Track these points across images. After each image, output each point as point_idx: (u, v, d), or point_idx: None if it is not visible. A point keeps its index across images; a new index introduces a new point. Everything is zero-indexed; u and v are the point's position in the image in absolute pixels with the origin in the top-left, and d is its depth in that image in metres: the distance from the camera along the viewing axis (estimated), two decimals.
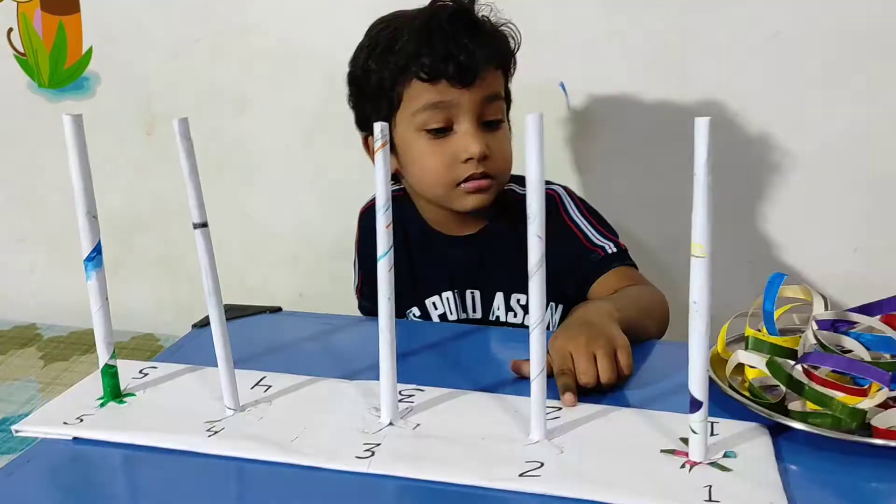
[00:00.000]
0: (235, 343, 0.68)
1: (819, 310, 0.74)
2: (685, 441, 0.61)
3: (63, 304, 1.88)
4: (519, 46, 1.01)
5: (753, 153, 1.38)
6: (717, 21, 1.34)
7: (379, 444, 0.62)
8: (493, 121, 0.95)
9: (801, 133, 1.34)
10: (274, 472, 0.60)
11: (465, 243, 1.03)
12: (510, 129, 1.00)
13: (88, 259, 0.67)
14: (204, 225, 0.63)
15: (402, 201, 1.04)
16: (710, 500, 0.54)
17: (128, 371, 0.74)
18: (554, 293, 0.97)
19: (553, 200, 1.01)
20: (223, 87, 1.64)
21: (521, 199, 0.98)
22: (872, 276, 1.39)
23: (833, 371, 0.66)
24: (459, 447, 0.61)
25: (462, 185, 0.94)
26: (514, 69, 1.02)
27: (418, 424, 0.65)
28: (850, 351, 0.68)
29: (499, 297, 1.02)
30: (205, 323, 0.89)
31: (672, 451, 0.60)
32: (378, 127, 0.60)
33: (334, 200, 1.65)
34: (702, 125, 0.53)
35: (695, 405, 0.58)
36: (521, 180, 1.04)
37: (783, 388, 0.67)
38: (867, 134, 1.32)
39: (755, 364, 0.70)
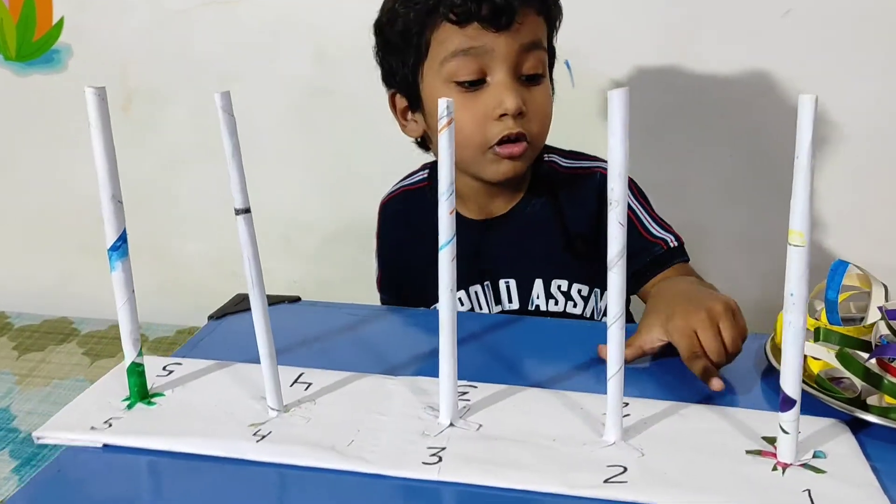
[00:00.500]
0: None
1: (879, 298, 0.71)
2: (769, 440, 0.58)
3: (34, 291, 1.79)
4: (560, 8, 0.91)
5: (766, 133, 1.36)
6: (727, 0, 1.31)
7: (444, 448, 0.57)
8: (532, 75, 0.86)
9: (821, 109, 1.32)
10: (331, 479, 0.55)
11: (499, 225, 0.95)
12: (553, 88, 0.92)
13: (113, 248, 0.60)
14: (247, 211, 0.57)
15: (424, 192, 0.99)
16: None
17: (150, 368, 0.67)
18: (603, 280, 0.94)
19: (603, 180, 0.94)
20: (206, 61, 1.56)
21: (566, 174, 0.95)
22: (880, 254, 1.38)
23: None
24: (532, 450, 0.57)
25: (495, 148, 0.85)
26: (560, 21, 0.92)
27: (481, 425, 0.60)
28: None
29: (538, 285, 0.95)
30: (221, 314, 0.83)
31: (759, 452, 0.57)
32: (443, 103, 0.54)
33: (329, 180, 1.59)
34: (807, 104, 0.49)
35: (787, 404, 0.54)
36: (561, 152, 0.99)
37: (854, 380, 0.64)
38: (881, 115, 1.31)
39: (821, 356, 0.67)
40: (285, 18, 1.51)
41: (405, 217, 1.01)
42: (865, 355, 0.65)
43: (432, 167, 1.02)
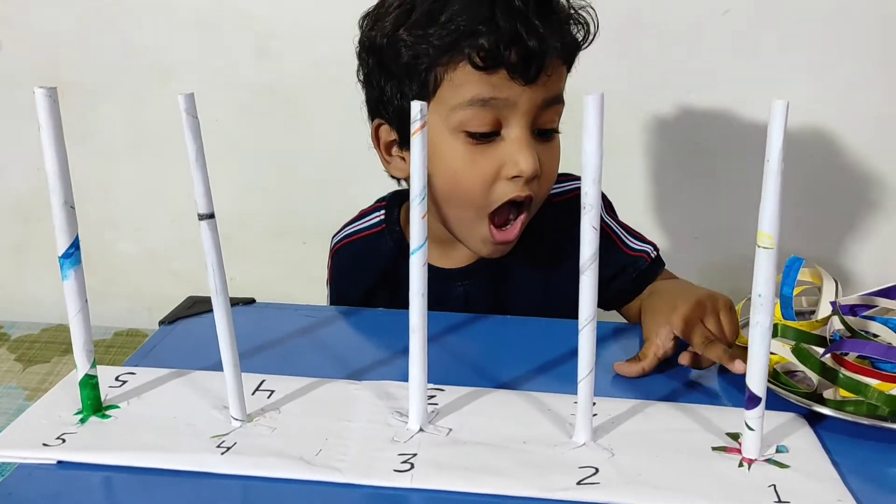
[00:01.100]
0: (215, 341, 0.59)
1: (830, 293, 0.73)
2: (733, 436, 0.59)
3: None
4: (594, 38, 0.80)
5: (706, 131, 1.39)
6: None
7: (416, 454, 0.56)
8: (548, 130, 0.77)
9: (753, 109, 1.35)
10: (301, 490, 0.54)
11: (469, 275, 0.88)
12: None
13: (66, 256, 0.58)
14: (210, 216, 0.55)
15: (382, 236, 0.90)
16: (779, 500, 0.52)
17: (102, 378, 0.65)
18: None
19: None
20: (143, 54, 1.51)
21: (559, 201, 0.86)
22: (809, 250, 1.43)
23: (858, 357, 0.66)
24: (503, 454, 0.57)
25: (492, 229, 0.78)
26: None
27: (451, 429, 0.60)
28: (876, 336, 0.68)
29: None
30: (172, 319, 0.81)
31: (724, 449, 0.58)
32: (417, 106, 0.54)
33: (269, 177, 1.56)
34: (778, 109, 0.50)
35: (753, 401, 0.55)
36: None
37: (809, 374, 0.66)
38: (817, 113, 1.35)
39: (777, 351, 0.69)
40: (225, 10, 1.47)
41: (362, 265, 0.93)
42: (820, 350, 0.67)
43: (388, 206, 0.92)
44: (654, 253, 0.92)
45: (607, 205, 0.95)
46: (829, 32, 1.31)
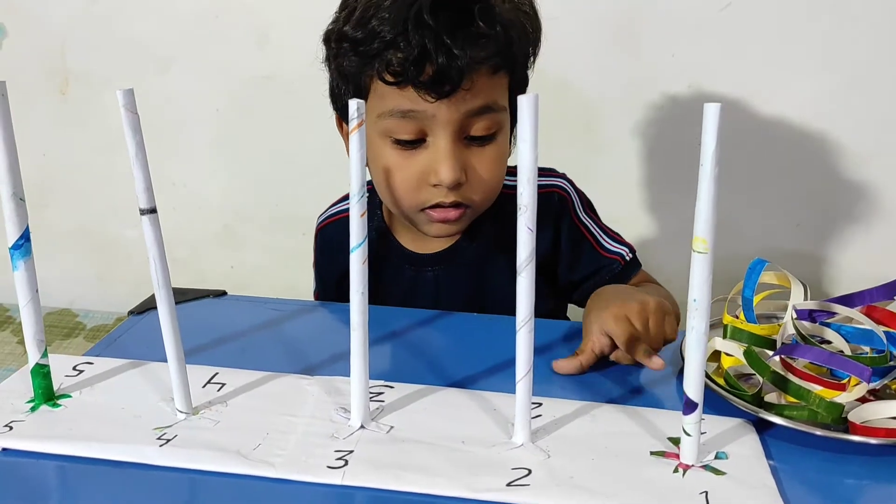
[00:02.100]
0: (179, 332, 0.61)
1: (798, 297, 0.72)
2: (674, 441, 0.58)
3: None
4: (536, 39, 0.80)
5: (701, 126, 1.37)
6: None
7: (352, 452, 0.57)
8: (482, 136, 0.77)
9: (750, 106, 1.33)
10: (236, 484, 0.54)
11: (440, 261, 0.90)
12: (512, 140, 0.82)
13: (15, 247, 0.59)
14: (152, 211, 0.56)
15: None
16: None
17: (60, 368, 0.66)
18: (561, 311, 0.94)
19: (565, 203, 0.89)
20: (145, 43, 1.53)
21: (513, 196, 0.87)
22: (814, 251, 1.41)
23: (811, 363, 0.65)
24: (440, 453, 0.57)
25: (427, 210, 0.79)
26: (533, 63, 0.83)
27: (392, 427, 0.60)
28: (829, 342, 0.67)
29: None
30: (143, 309, 0.82)
31: (662, 453, 0.57)
32: (354, 104, 0.54)
33: (267, 168, 1.57)
34: (711, 112, 0.50)
35: (690, 406, 0.55)
36: (510, 168, 0.90)
37: (759, 377, 0.65)
38: (816, 109, 1.33)
39: (732, 352, 0.69)
40: (226, 2, 1.48)
41: (341, 245, 0.93)
42: (770, 353, 0.66)
43: (372, 190, 0.90)
44: (630, 255, 0.92)
45: (586, 204, 0.94)
46: (831, 27, 1.29)
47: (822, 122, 1.34)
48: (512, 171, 0.90)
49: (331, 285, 0.99)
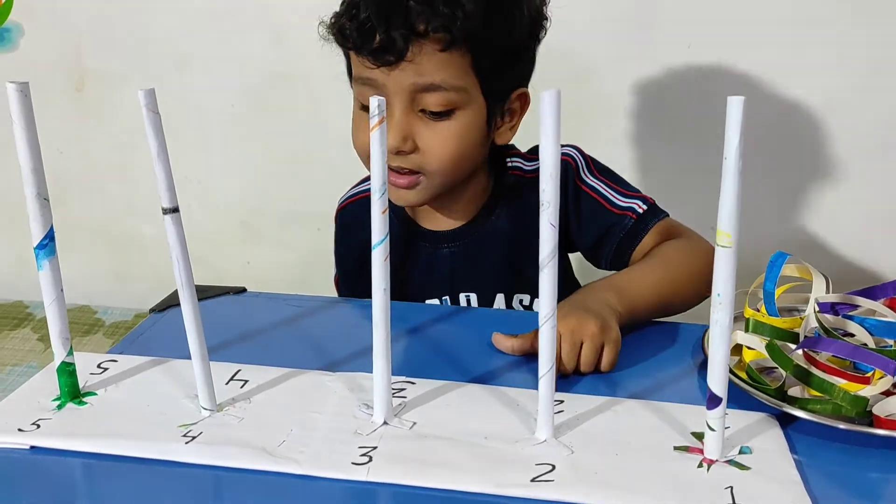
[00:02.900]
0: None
1: (820, 290, 0.72)
2: (697, 436, 0.58)
3: None
4: (523, 24, 0.81)
5: (721, 116, 1.36)
6: None
7: (376, 448, 0.57)
8: (437, 112, 0.80)
9: (769, 95, 1.32)
10: (261, 481, 0.55)
11: (455, 238, 0.91)
12: (490, 115, 0.83)
13: (40, 247, 0.59)
14: (175, 210, 0.56)
15: None
16: (733, 503, 0.51)
17: (85, 365, 0.67)
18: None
19: (569, 167, 0.89)
20: (161, 40, 1.53)
21: (530, 179, 0.90)
22: (832, 242, 1.40)
23: (834, 356, 0.64)
24: (463, 449, 0.57)
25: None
26: (533, 48, 0.85)
27: (415, 423, 0.60)
28: (852, 335, 0.67)
29: (499, 300, 0.92)
30: (163, 307, 0.82)
31: (686, 448, 0.57)
32: (375, 102, 0.54)
33: (286, 164, 1.57)
34: (735, 105, 0.49)
35: (714, 401, 0.55)
36: (522, 154, 0.93)
37: (782, 371, 0.65)
38: (835, 97, 1.32)
39: (754, 346, 0.68)
40: None
41: (359, 225, 0.96)
42: (793, 346, 0.66)
43: None
44: (643, 207, 0.88)
45: (593, 166, 0.91)
46: (850, 15, 1.27)
47: (841, 112, 1.33)
48: (521, 154, 0.93)
49: (351, 268, 1.00)
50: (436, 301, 0.93)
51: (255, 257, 1.65)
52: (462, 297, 0.93)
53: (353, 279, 1.01)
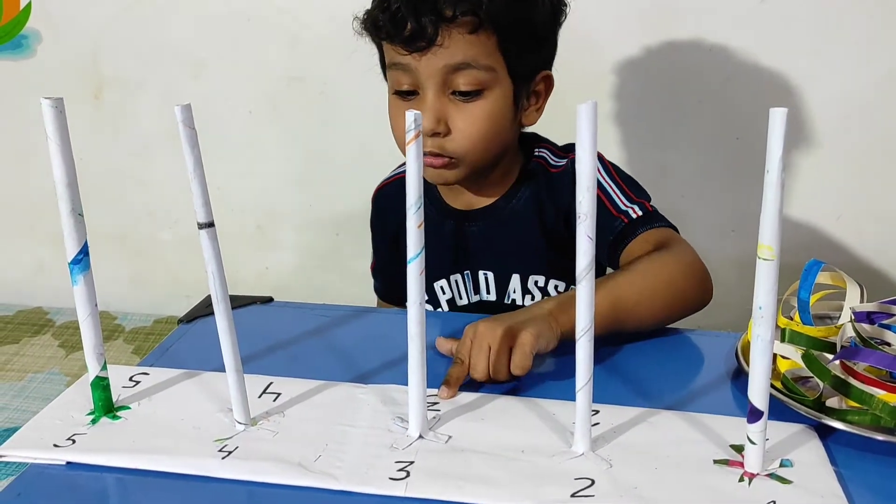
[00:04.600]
0: None
1: (854, 298, 0.71)
2: (737, 448, 0.58)
3: (8, 281, 1.76)
4: (545, 5, 0.85)
5: (743, 120, 1.36)
6: None
7: (412, 462, 0.57)
8: (467, 91, 0.84)
9: (789, 99, 1.31)
10: (297, 496, 0.55)
11: (480, 217, 0.95)
12: (517, 97, 0.86)
13: (75, 262, 0.59)
14: (210, 225, 0.56)
15: None
16: None
17: (117, 379, 0.67)
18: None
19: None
20: (178, 47, 1.53)
21: (555, 172, 0.93)
22: (855, 243, 1.39)
23: (871, 366, 0.64)
24: (500, 463, 0.57)
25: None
26: (553, 30, 0.88)
27: (450, 437, 0.60)
28: (889, 345, 0.66)
29: (515, 280, 0.95)
30: (191, 318, 0.82)
31: (726, 462, 0.57)
32: (411, 116, 0.53)
33: (301, 169, 1.57)
34: (778, 117, 0.49)
35: (755, 415, 0.54)
36: (554, 147, 0.96)
37: (818, 381, 0.64)
38: (856, 101, 1.31)
39: (789, 355, 0.68)
40: (258, 4, 1.48)
41: (396, 205, 0.98)
42: (830, 356, 0.65)
43: None
44: (638, 213, 0.87)
45: (605, 163, 0.93)
46: (871, 18, 1.26)
47: (862, 116, 1.32)
48: (551, 148, 0.96)
49: (385, 251, 1.05)
50: (458, 276, 0.97)
51: (274, 263, 1.65)
52: (481, 274, 0.97)
53: (386, 262, 1.06)
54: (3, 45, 1.60)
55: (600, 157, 0.92)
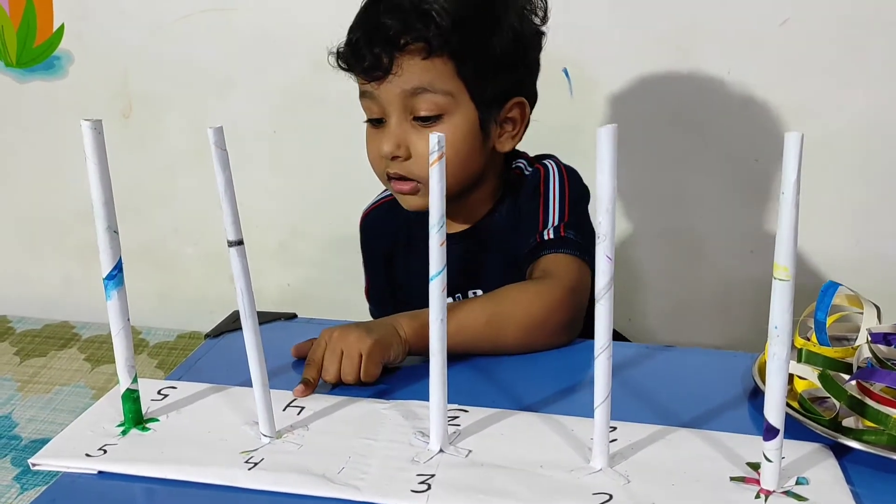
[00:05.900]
0: None
1: (871, 320, 0.72)
2: (753, 466, 0.59)
3: (36, 295, 1.80)
4: (510, 26, 0.85)
5: (761, 142, 1.37)
6: (726, 8, 1.31)
7: (433, 475, 0.58)
8: (426, 117, 0.85)
9: (809, 122, 1.32)
10: None
11: (464, 238, 0.96)
12: (484, 122, 0.87)
13: (109, 277, 0.61)
14: (239, 243, 0.58)
15: (396, 203, 0.95)
16: None
17: (145, 392, 0.68)
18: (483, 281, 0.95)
19: (538, 174, 0.93)
20: (205, 67, 1.57)
21: (523, 178, 0.95)
22: (873, 266, 1.39)
23: (888, 386, 0.64)
24: (520, 477, 0.58)
25: (391, 181, 0.90)
26: (534, 51, 0.90)
27: (470, 451, 0.61)
28: None
29: None
30: (217, 333, 0.84)
31: (742, 479, 0.57)
32: (434, 138, 0.55)
33: (324, 187, 1.60)
34: (793, 141, 0.50)
35: (771, 432, 0.55)
36: (528, 157, 0.98)
37: (835, 401, 0.65)
38: (876, 124, 1.31)
39: (806, 375, 0.68)
40: (282, 25, 1.51)
41: (386, 229, 1.03)
42: (846, 377, 0.66)
43: None
44: (549, 236, 0.87)
45: (565, 178, 0.93)
46: (890, 40, 1.27)
47: (884, 138, 1.32)
48: (527, 158, 0.98)
49: (377, 274, 1.06)
50: (449, 300, 0.95)
51: (296, 279, 1.67)
52: (471, 294, 0.97)
53: (380, 285, 1.07)
54: (36, 65, 1.65)
55: (557, 163, 0.95)
